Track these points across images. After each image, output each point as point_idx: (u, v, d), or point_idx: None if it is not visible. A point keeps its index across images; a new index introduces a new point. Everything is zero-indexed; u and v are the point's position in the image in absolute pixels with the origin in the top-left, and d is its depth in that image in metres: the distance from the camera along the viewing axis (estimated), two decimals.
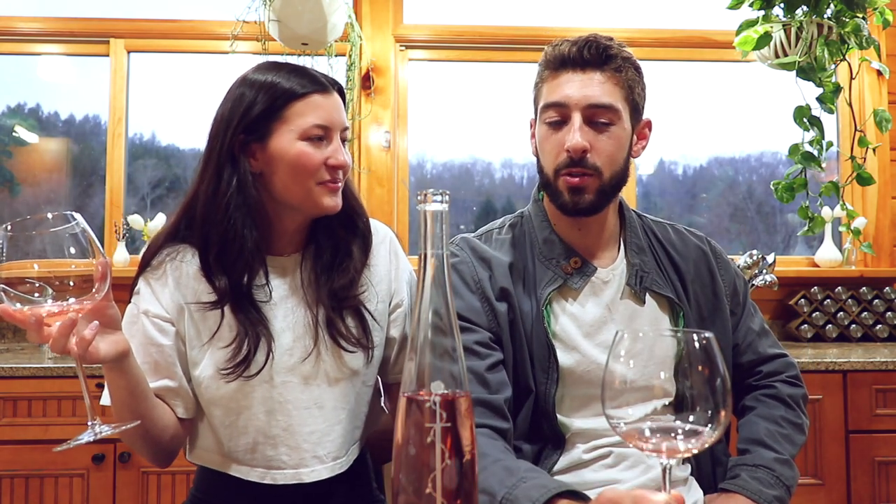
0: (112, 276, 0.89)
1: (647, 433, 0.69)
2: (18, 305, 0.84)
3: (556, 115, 1.11)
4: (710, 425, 0.67)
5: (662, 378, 0.71)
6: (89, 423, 0.89)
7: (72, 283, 0.85)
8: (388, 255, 1.23)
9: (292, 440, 1.12)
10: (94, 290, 0.86)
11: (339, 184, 1.12)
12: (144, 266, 1.14)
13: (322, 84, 1.12)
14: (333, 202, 1.12)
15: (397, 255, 1.25)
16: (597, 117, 1.09)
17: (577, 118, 1.09)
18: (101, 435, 0.89)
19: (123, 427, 0.93)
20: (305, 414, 1.12)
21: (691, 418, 0.68)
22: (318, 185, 1.10)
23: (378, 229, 1.25)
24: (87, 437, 0.89)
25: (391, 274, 1.22)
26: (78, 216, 0.87)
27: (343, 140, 1.14)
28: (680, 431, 0.69)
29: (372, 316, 1.17)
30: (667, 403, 0.71)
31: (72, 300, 0.85)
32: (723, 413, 0.68)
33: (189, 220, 1.13)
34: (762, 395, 1.21)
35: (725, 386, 0.68)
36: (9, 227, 0.84)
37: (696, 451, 0.69)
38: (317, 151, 1.09)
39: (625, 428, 0.70)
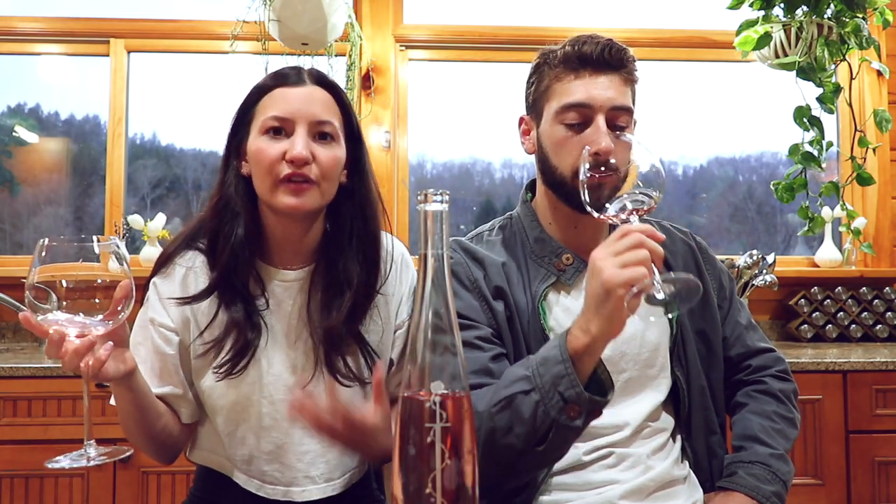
0: (115, 279, 0.89)
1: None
2: (43, 317, 0.85)
3: (579, 117, 1.10)
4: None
5: None
6: (85, 444, 0.90)
7: (97, 301, 0.86)
8: (399, 275, 1.20)
9: (285, 458, 1.12)
10: (119, 309, 0.87)
11: (309, 184, 1.05)
12: (156, 271, 1.15)
13: (290, 77, 1.09)
14: (293, 202, 1.04)
15: (408, 272, 1.22)
16: (616, 120, 1.10)
17: (601, 120, 1.08)
18: (92, 463, 0.89)
19: (116, 458, 0.93)
20: (301, 433, 1.12)
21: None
22: (280, 183, 1.04)
23: (393, 248, 1.20)
24: (68, 462, 0.88)
25: (400, 294, 1.19)
26: (115, 238, 0.90)
27: (322, 135, 1.07)
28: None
29: (374, 351, 1.14)
30: None
31: (97, 319, 0.87)
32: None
33: (201, 225, 1.15)
34: (753, 391, 1.22)
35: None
36: (45, 242, 0.86)
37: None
38: (274, 145, 1.05)
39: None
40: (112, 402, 1.07)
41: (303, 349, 1.12)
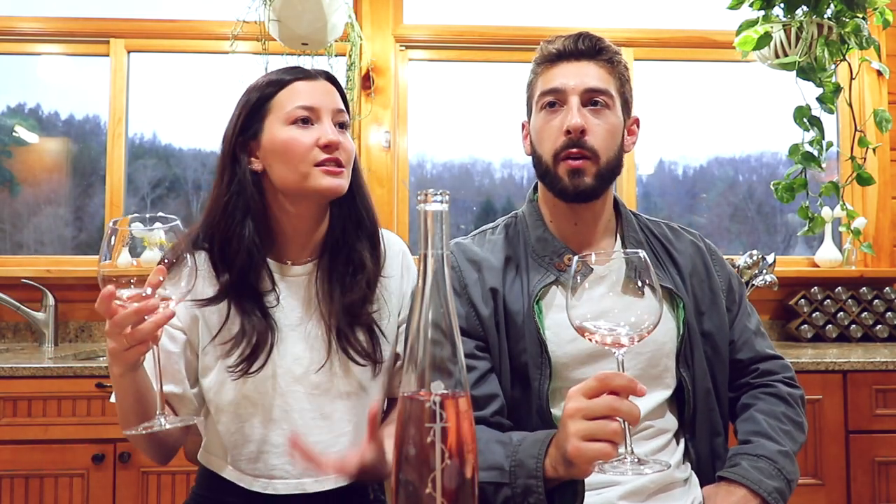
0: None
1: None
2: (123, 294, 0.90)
3: (555, 101, 1.14)
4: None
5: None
6: (157, 414, 0.96)
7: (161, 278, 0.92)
8: (401, 269, 1.23)
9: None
10: (184, 285, 0.93)
11: (341, 167, 1.11)
12: None
13: (304, 72, 1.14)
14: (333, 183, 1.10)
15: (409, 269, 1.25)
16: (592, 101, 1.13)
17: (574, 101, 1.13)
18: (164, 427, 0.95)
19: (187, 423, 1.03)
20: (311, 424, 1.13)
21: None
22: (316, 168, 1.09)
23: (393, 242, 1.25)
24: (142, 429, 0.95)
25: (402, 289, 1.23)
26: (175, 219, 0.96)
27: (341, 125, 1.14)
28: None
29: (382, 332, 1.17)
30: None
31: (167, 293, 0.92)
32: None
33: (205, 227, 1.15)
34: (761, 393, 1.21)
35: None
36: (114, 225, 0.93)
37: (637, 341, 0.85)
38: (305, 133, 1.10)
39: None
40: (112, 399, 1.07)
41: (312, 339, 1.14)
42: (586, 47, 1.15)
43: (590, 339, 0.86)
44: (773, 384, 1.21)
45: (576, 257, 0.90)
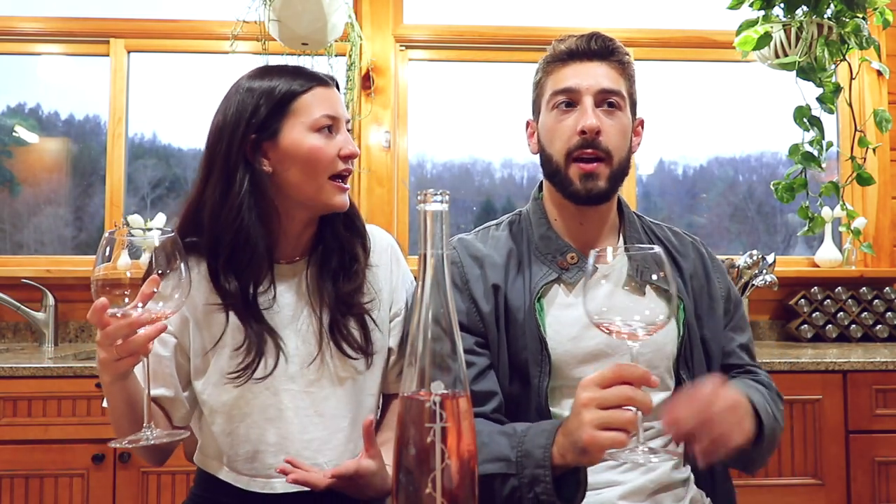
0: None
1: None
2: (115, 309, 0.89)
3: (568, 101, 1.14)
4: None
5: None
6: (144, 427, 0.94)
7: (155, 290, 0.91)
8: (390, 262, 1.23)
9: (292, 447, 1.12)
10: (177, 297, 0.92)
11: (348, 182, 1.13)
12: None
13: (321, 78, 1.15)
14: (342, 200, 1.12)
15: (398, 262, 1.25)
16: (606, 101, 1.13)
17: (588, 101, 1.12)
18: (150, 441, 0.93)
19: (175, 439, 0.99)
20: (306, 421, 1.12)
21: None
22: (330, 181, 1.10)
23: (380, 237, 1.25)
24: (126, 442, 0.93)
25: (392, 282, 1.23)
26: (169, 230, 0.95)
27: (349, 131, 1.16)
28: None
29: (375, 323, 1.17)
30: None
31: (161, 305, 0.91)
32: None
33: (194, 227, 1.12)
34: (745, 377, 1.20)
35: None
36: (109, 235, 0.91)
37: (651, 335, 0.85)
38: (329, 143, 1.10)
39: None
40: (104, 404, 1.07)
41: (304, 334, 1.14)
42: (599, 47, 1.15)
43: (605, 332, 0.86)
44: (758, 373, 1.22)
45: (592, 252, 0.89)
